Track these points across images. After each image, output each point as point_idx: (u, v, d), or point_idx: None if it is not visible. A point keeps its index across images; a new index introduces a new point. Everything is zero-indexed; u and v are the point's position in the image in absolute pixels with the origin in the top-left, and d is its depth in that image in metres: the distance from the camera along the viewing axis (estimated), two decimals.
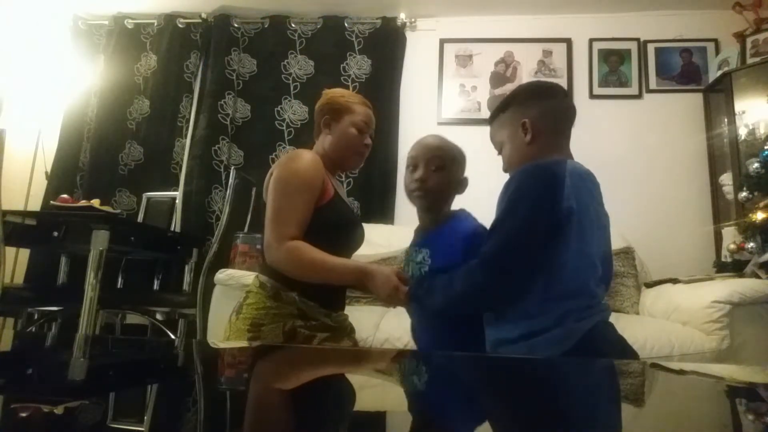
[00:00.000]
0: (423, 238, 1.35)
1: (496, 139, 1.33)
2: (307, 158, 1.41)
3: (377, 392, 0.71)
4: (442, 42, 3.44)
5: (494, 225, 1.15)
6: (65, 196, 2.66)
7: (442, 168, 1.30)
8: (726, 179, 2.85)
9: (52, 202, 2.70)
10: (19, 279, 3.21)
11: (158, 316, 2.90)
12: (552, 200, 1.08)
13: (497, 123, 1.32)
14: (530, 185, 1.12)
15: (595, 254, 1.15)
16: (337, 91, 1.54)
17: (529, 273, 1.10)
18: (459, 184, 1.35)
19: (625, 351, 1.19)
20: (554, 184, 1.09)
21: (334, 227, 1.42)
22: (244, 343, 1.29)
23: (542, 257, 1.09)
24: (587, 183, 1.17)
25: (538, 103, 1.25)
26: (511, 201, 1.12)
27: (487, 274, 1.10)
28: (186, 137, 3.44)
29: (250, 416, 0.52)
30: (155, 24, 3.58)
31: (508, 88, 3.31)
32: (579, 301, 1.11)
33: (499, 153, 1.32)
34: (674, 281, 2.33)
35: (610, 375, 0.87)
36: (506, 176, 1.24)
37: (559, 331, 1.09)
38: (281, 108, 3.42)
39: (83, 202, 2.55)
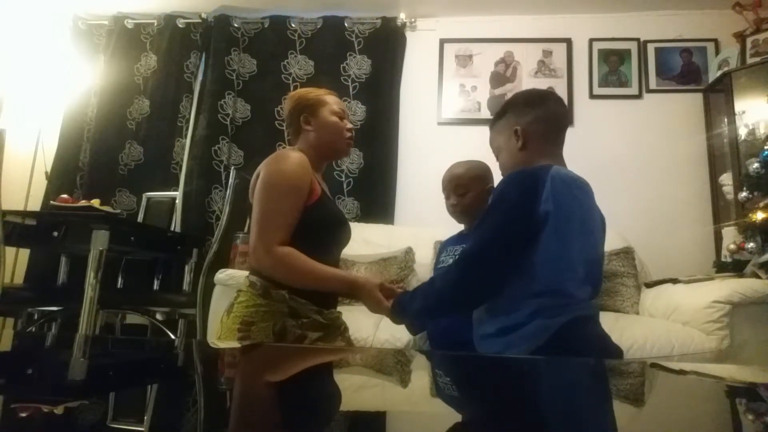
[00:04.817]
0: (466, 236, 1.69)
1: (493, 145, 1.40)
2: (294, 158, 1.39)
3: (377, 392, 0.71)
4: (442, 42, 3.44)
5: (475, 228, 1.23)
6: (65, 196, 2.66)
7: (466, 192, 1.67)
8: (726, 179, 2.85)
9: (52, 202, 2.70)
10: (19, 279, 3.21)
11: (158, 316, 2.90)
12: (527, 205, 1.14)
13: (494, 129, 1.39)
14: (508, 191, 1.20)
15: (575, 257, 1.18)
16: (301, 90, 1.56)
17: (502, 273, 1.16)
18: (485, 194, 1.65)
19: (606, 348, 1.21)
20: (531, 190, 1.15)
21: (323, 227, 1.42)
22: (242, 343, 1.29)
23: (516, 258, 1.15)
24: (572, 189, 1.20)
25: (530, 111, 1.31)
26: (490, 206, 1.21)
27: (461, 273, 1.18)
28: (186, 137, 3.44)
29: (250, 417, 0.52)
30: (155, 24, 3.58)
31: (508, 88, 3.31)
32: (552, 299, 1.15)
33: (497, 159, 1.38)
34: (674, 281, 2.33)
35: (575, 373, 0.87)
36: None
37: (530, 327, 1.14)
38: (281, 108, 3.41)
39: (83, 202, 2.55)
